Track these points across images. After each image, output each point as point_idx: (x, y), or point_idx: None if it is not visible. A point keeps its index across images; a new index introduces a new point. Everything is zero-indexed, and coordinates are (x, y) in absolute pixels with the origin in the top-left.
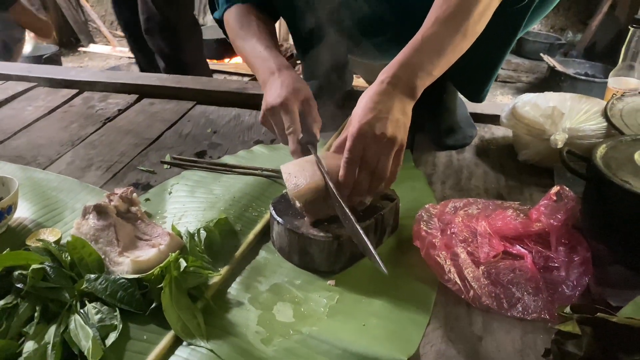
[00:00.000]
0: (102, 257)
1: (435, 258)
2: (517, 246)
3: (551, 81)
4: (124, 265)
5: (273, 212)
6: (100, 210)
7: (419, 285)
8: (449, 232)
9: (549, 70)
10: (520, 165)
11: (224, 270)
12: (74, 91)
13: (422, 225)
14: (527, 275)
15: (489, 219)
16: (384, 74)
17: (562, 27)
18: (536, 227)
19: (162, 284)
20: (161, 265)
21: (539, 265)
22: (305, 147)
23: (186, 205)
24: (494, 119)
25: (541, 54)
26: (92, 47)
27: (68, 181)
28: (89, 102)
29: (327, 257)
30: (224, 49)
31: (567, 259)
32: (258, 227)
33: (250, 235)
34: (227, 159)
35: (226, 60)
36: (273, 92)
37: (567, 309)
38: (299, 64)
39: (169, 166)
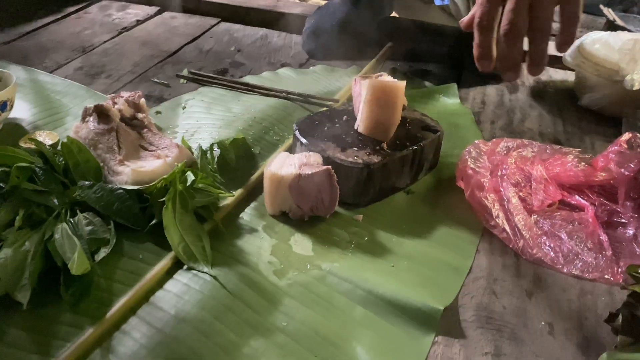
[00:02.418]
0: (101, 164)
1: (481, 200)
2: (577, 196)
3: None
4: (123, 175)
5: (297, 132)
6: (101, 112)
7: (459, 229)
8: (499, 174)
9: (606, 25)
10: (582, 111)
11: (237, 192)
12: None
13: (469, 163)
14: (588, 230)
15: (545, 163)
16: None
17: None
18: (600, 177)
19: (164, 199)
20: (165, 177)
21: (601, 220)
22: None
23: (200, 122)
24: (551, 61)
25: (601, 6)
26: None
27: (74, 86)
28: (106, 10)
29: (355, 186)
30: None
31: (637, 215)
32: (279, 151)
33: (271, 158)
34: (250, 79)
35: None
36: None
37: None
38: None
39: (185, 81)
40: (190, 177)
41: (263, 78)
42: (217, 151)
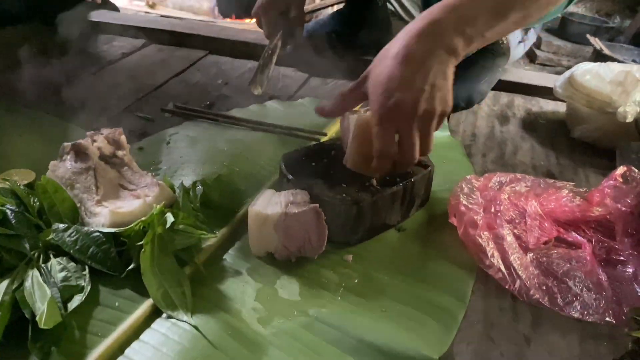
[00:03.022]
0: (78, 205)
1: (475, 239)
2: (573, 233)
3: None
4: (100, 216)
5: (283, 168)
6: (79, 151)
7: (453, 269)
8: (492, 210)
9: (594, 54)
10: (574, 143)
11: (221, 232)
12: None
13: (461, 199)
14: (586, 268)
15: (540, 198)
16: (423, 19)
17: (609, 12)
18: (597, 212)
19: (142, 242)
20: (144, 219)
21: (599, 257)
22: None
23: (184, 158)
24: (542, 91)
25: (588, 36)
26: None
27: (55, 122)
28: (92, 42)
29: (344, 224)
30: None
31: (636, 253)
32: (266, 186)
33: (255, 197)
34: (236, 112)
35: (246, 20)
36: None
37: None
38: None
39: (170, 115)
40: (170, 218)
41: (250, 111)
42: (200, 188)
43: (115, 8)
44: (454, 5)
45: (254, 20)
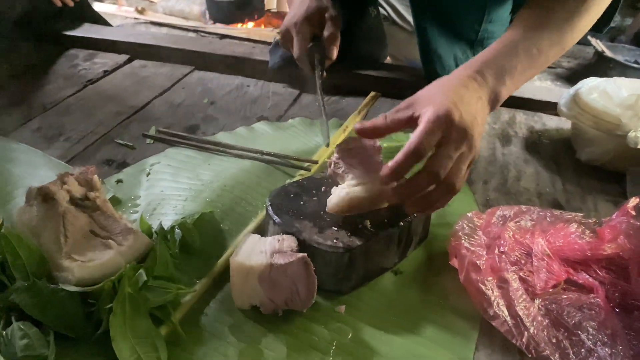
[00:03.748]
0: (46, 256)
1: (478, 285)
2: (584, 274)
3: (597, 68)
4: (69, 271)
5: (270, 209)
6: (46, 196)
7: (455, 320)
8: (497, 251)
9: (595, 55)
10: (580, 166)
11: (200, 284)
12: (59, 47)
13: (462, 240)
14: (600, 317)
15: (547, 235)
16: (469, 69)
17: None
18: (609, 249)
19: (112, 304)
20: (112, 277)
21: (613, 302)
22: (312, 57)
23: (165, 192)
24: (544, 107)
25: (589, 37)
26: (95, 5)
27: (29, 152)
28: (72, 60)
29: (335, 272)
30: (237, 12)
31: None
32: (250, 226)
33: (240, 237)
34: (223, 137)
35: (238, 25)
36: (292, 10)
37: None
38: None
39: (152, 141)
40: (142, 277)
41: (237, 135)
42: (178, 232)
43: (106, 22)
44: (494, 57)
45: (247, 25)
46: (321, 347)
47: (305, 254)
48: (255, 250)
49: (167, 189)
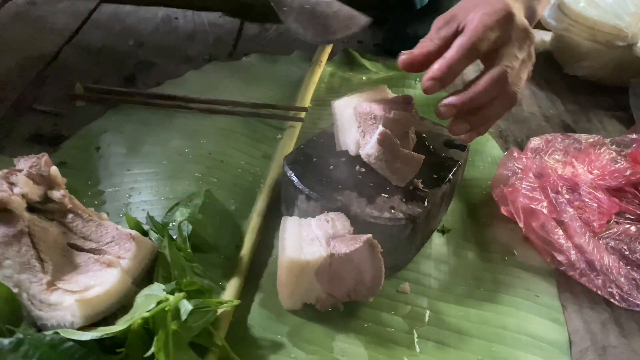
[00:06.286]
0: (15, 291)
1: (541, 233)
2: (629, 205)
3: None
4: (63, 309)
5: (296, 181)
6: None
7: (529, 278)
8: (550, 192)
9: None
10: (571, 81)
11: (232, 287)
12: None
13: (517, 186)
14: None
15: (585, 165)
16: None
17: None
18: None
19: (154, 349)
20: (143, 314)
21: None
22: None
23: (132, 170)
24: None
25: None
26: None
27: None
28: None
29: (394, 247)
30: None
31: None
32: (261, 203)
33: (255, 217)
34: (171, 87)
35: None
36: None
37: None
38: None
39: (83, 102)
40: (187, 307)
41: (189, 83)
42: (189, 228)
43: None
44: None
45: None
46: (402, 339)
47: (370, 235)
48: (305, 239)
49: (132, 165)
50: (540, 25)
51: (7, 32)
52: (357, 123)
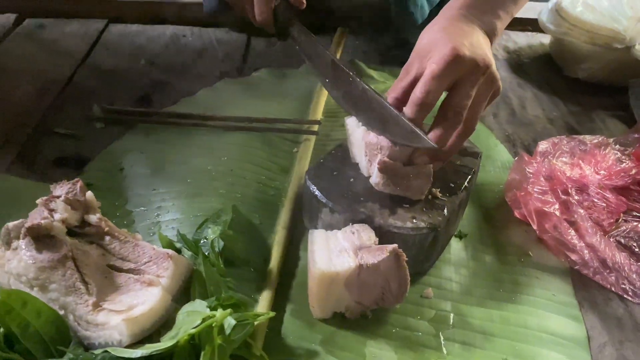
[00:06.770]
0: (61, 313)
1: (555, 234)
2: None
3: None
4: (110, 328)
5: (319, 195)
6: (40, 235)
7: (545, 278)
8: (560, 194)
9: None
10: (571, 82)
11: (264, 299)
12: None
13: (530, 189)
14: None
15: (591, 166)
16: (454, 6)
17: None
18: None
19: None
20: (189, 330)
21: None
22: (284, 17)
23: (158, 190)
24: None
25: None
26: None
27: None
28: None
29: (416, 254)
30: None
31: None
32: (284, 217)
33: (280, 230)
34: (186, 105)
35: None
36: None
37: None
38: None
39: (102, 124)
40: (230, 322)
41: (202, 101)
42: (220, 244)
43: None
44: None
45: None
46: (430, 342)
47: (396, 245)
48: (334, 251)
49: (157, 184)
50: (539, 29)
51: (22, 57)
52: (364, 152)
